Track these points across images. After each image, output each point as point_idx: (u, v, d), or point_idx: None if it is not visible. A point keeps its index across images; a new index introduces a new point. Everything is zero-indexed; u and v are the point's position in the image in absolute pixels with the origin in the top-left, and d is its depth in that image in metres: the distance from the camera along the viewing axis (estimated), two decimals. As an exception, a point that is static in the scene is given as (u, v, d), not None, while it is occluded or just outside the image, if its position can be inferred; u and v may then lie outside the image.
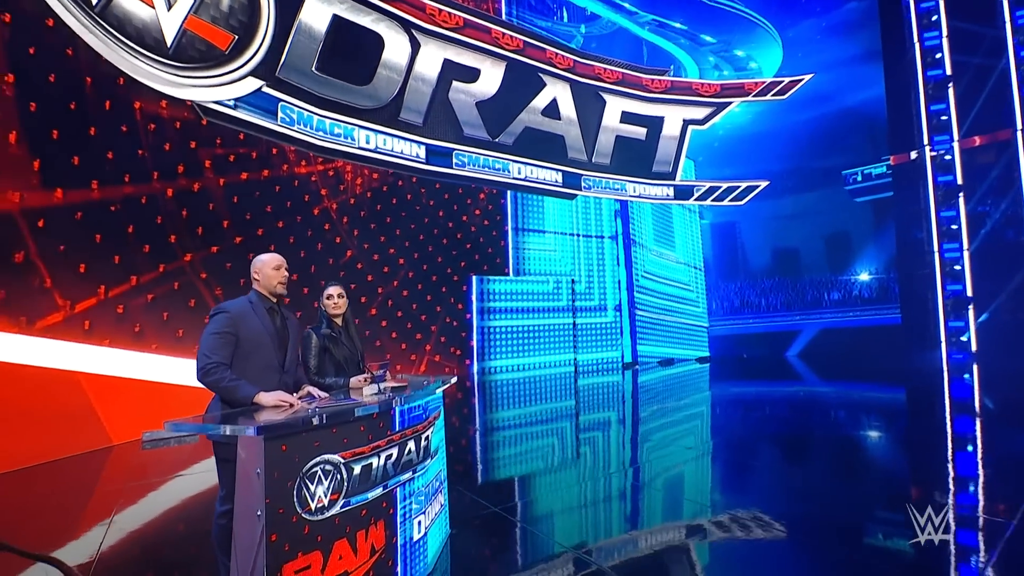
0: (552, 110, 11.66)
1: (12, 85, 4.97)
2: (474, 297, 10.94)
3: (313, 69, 8.15)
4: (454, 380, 3.31)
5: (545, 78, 11.54)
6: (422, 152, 9.71)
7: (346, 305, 3.15)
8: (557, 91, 11.76)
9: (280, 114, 7.53)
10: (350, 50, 8.65)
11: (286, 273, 2.67)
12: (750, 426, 6.35)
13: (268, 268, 2.63)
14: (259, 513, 1.84)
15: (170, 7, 6.37)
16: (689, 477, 4.38)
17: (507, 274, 11.49)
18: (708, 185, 13.63)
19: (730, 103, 12.98)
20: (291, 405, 2.29)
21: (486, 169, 10.68)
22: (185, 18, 6.51)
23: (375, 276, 9.39)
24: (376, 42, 9.12)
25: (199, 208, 6.74)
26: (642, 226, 13.78)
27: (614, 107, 12.59)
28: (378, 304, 9.39)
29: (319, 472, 2.02)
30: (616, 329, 13.02)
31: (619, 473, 4.51)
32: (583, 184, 12.21)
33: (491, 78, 10.77)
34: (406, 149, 9.47)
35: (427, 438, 2.75)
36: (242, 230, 7.30)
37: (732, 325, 15.10)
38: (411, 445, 2.56)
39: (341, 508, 2.09)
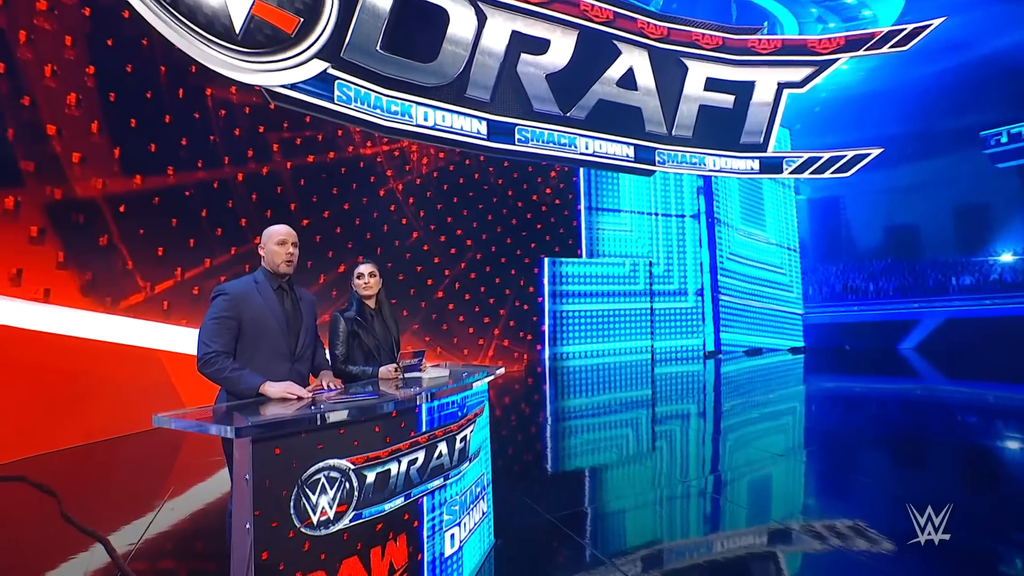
0: (628, 80, 10.85)
1: (93, 76, 5.19)
2: (545, 280, 10.54)
3: (377, 48, 8.02)
4: (501, 371, 2.94)
5: (620, 46, 10.74)
6: (483, 128, 9.37)
7: (379, 285, 2.87)
8: (634, 59, 10.92)
9: (336, 92, 7.46)
10: (415, 27, 8.44)
11: (292, 250, 2.37)
12: (853, 426, 5.48)
13: (271, 243, 2.35)
14: (247, 526, 1.58)
15: (238, -7, 6.44)
16: (778, 480, 3.75)
17: (580, 256, 10.96)
18: (806, 156, 12.17)
19: (836, 60, 11.41)
20: (300, 398, 2.03)
21: (551, 145, 10.16)
22: (253, 3, 6.55)
23: (442, 258, 9.25)
24: (441, 17, 8.83)
25: (268, 191, 6.87)
26: (728, 204, 12.62)
27: (697, 74, 11.51)
28: (445, 287, 9.26)
29: (322, 480, 1.73)
30: (697, 315, 12.09)
31: (698, 477, 3.96)
32: (657, 159, 11.33)
33: (562, 49, 10.16)
34: (466, 125, 9.16)
35: (464, 439, 2.41)
36: (308, 212, 7.38)
37: (833, 312, 13.50)
38: (442, 447, 2.23)
39: (351, 521, 1.80)
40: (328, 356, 2.69)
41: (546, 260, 10.54)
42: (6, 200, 4.50)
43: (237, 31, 6.42)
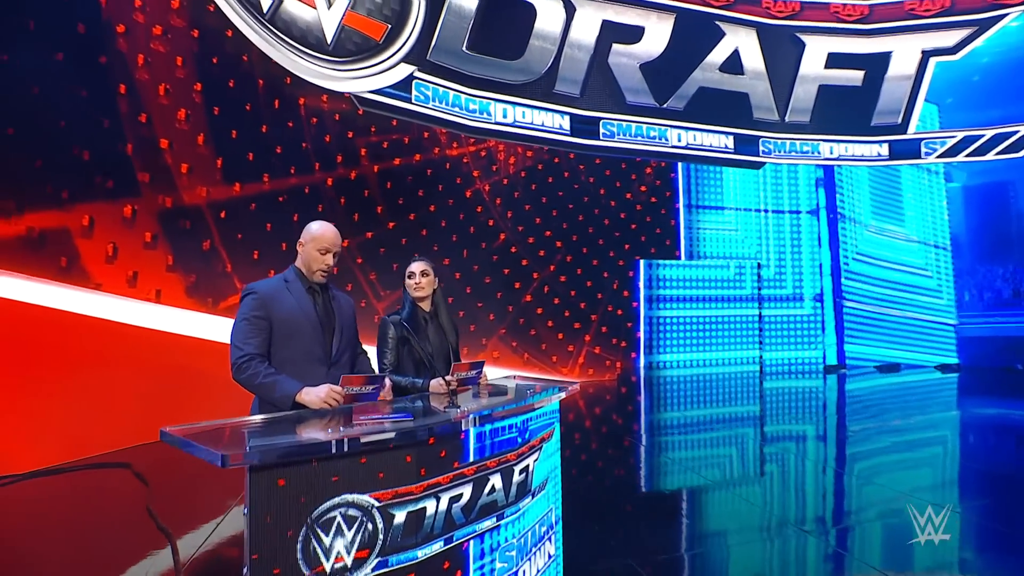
0: (733, 64, 9.86)
1: (200, 93, 5.56)
2: (641, 284, 9.85)
3: (464, 48, 7.94)
4: (575, 387, 2.51)
5: (724, 27, 9.78)
6: (566, 123, 8.93)
7: (433, 285, 2.58)
8: (740, 41, 9.90)
9: (414, 92, 7.44)
10: (501, 25, 8.25)
11: (332, 261, 2.14)
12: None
13: (313, 247, 2.13)
14: (244, 571, 1.32)
15: (330, 6, 6.64)
16: (925, 531, 2.93)
17: (678, 258, 10.12)
18: (961, 135, 10.28)
19: (1002, 16, 9.50)
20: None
21: (639, 139, 9.47)
22: (344, 14, 6.73)
23: (530, 260, 8.95)
24: (528, 13, 8.57)
25: (355, 195, 7.02)
26: (855, 196, 11.01)
27: (817, 50, 10.18)
28: (533, 291, 8.95)
29: (338, 519, 1.44)
30: (815, 323, 10.66)
31: (817, 519, 3.24)
32: (762, 148, 10.15)
33: (657, 35, 9.46)
34: (548, 121, 8.78)
35: (525, 470, 2.02)
36: (395, 215, 7.44)
37: (998, 323, 11.23)
38: (495, 481, 1.86)
39: (373, 570, 1.49)
40: (376, 366, 2.45)
41: (641, 262, 9.85)
42: (125, 209, 4.89)
43: (329, 41, 6.61)
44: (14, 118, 4.19)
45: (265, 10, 6.07)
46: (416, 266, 2.56)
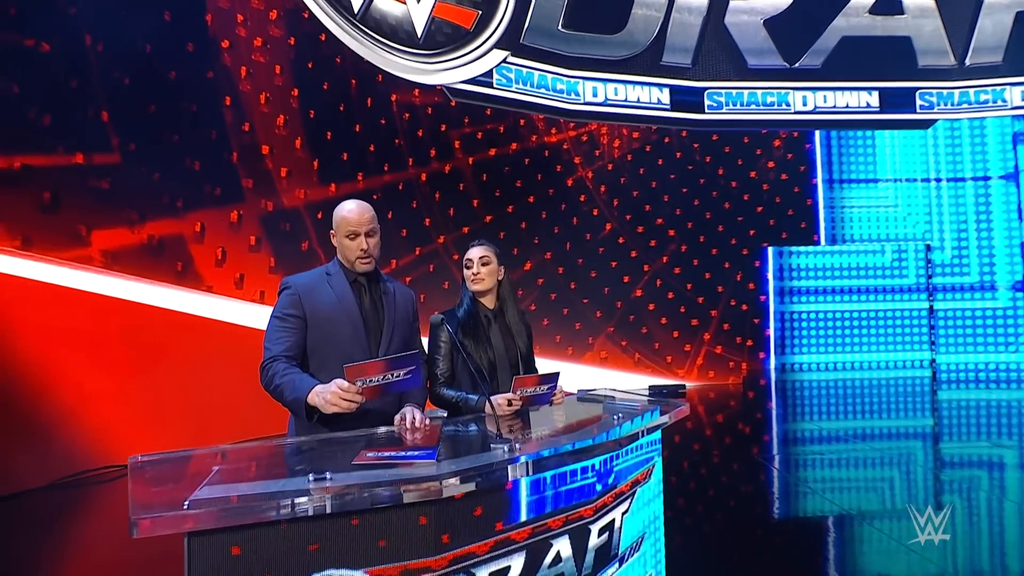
0: (889, 2, 8.14)
1: (296, 98, 5.71)
2: (770, 274, 8.56)
3: (559, 28, 7.41)
4: (682, 409, 1.88)
5: (874, -41, 8.12)
6: (666, 97, 7.94)
7: (497, 276, 2.10)
8: (897, -28, 8.15)
9: (495, 75, 7.03)
10: (599, -3, 7.60)
11: (367, 243, 1.78)
12: None
13: (341, 236, 1.81)
14: None
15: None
16: None
17: (817, 242, 8.63)
18: None
19: None
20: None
21: (752, 107, 8.17)
22: (433, 6, 6.57)
23: (640, 251, 8.17)
24: (630, -22, 7.79)
25: (450, 189, 6.84)
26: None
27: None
28: (644, 284, 8.16)
29: (319, 606, 1.02)
30: (1012, 319, 8.46)
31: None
32: (919, 102, 8.25)
33: (786, -18, 8.11)
34: (644, 96, 7.86)
35: (609, 527, 1.48)
36: (492, 208, 7.16)
37: None
38: (561, 547, 1.34)
39: None
40: (428, 375, 2.05)
41: (770, 250, 8.55)
42: (231, 214, 5.13)
43: (419, 35, 6.49)
44: (136, 135, 4.51)
45: (356, 10, 6.09)
46: (474, 252, 2.10)
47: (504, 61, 7.02)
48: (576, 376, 7.62)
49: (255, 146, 5.36)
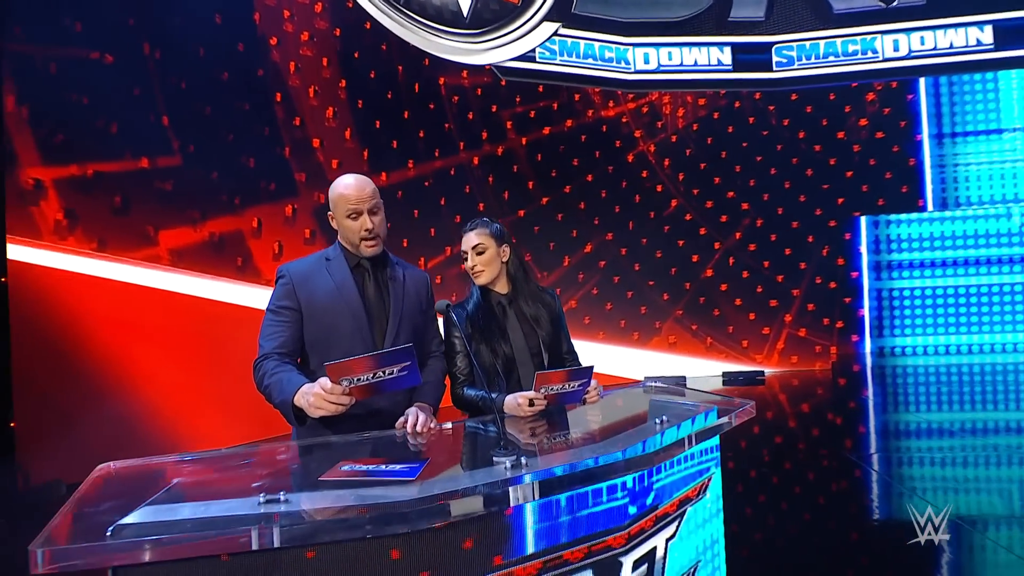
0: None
1: (344, 89, 5.73)
2: (863, 247, 7.64)
3: (614, -9, 6.92)
4: (745, 410, 1.53)
5: None
6: (727, 57, 7.17)
7: (500, 260, 1.86)
8: None
9: (537, 49, 6.66)
10: (659, -49, 7.00)
11: (371, 223, 1.59)
12: None
13: (340, 216, 1.62)
14: None
15: (465, -25, 6.30)
16: None
17: (922, 208, 7.57)
18: None
19: None
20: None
21: (830, 59, 7.19)
22: (479, -18, 6.34)
23: (710, 228, 7.56)
24: (692, -73, 7.12)
25: (504, 172, 6.65)
26: None
27: None
28: (715, 263, 7.56)
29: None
30: None
31: None
32: None
33: (880, -90, 7.07)
34: (701, 59, 7.14)
35: (649, 558, 1.24)
36: (548, 189, 6.88)
37: None
38: (568, 582, 1.12)
39: None
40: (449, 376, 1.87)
41: (863, 219, 7.61)
42: (286, 208, 5.25)
43: (465, 14, 6.31)
44: (194, 137, 4.69)
45: (400, -5, 6.00)
46: (467, 241, 1.86)
47: (555, 34, 6.67)
48: (643, 362, 7.25)
49: (306, 140, 5.44)
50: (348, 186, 1.61)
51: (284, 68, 5.38)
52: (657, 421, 1.32)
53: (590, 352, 6.98)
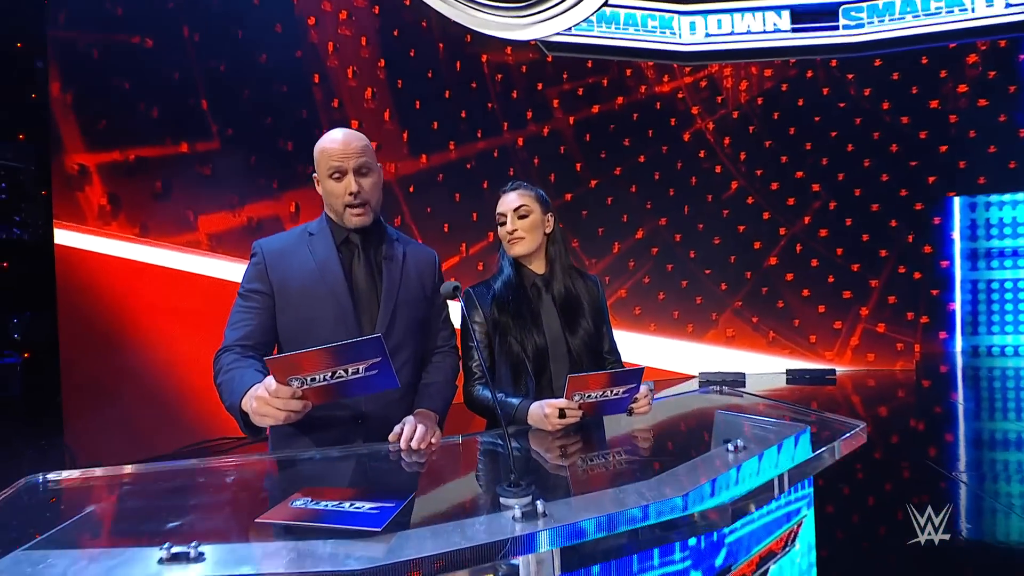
0: None
1: (383, 69, 5.54)
2: (956, 232, 6.77)
3: (672, -47, 6.37)
4: (855, 435, 1.12)
5: None
6: (784, 21, 6.42)
7: (543, 229, 1.57)
8: None
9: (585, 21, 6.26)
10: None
11: (356, 187, 1.33)
12: None
13: (323, 176, 1.38)
14: None
15: (510, -56, 5.95)
16: None
17: (1030, 187, 6.61)
18: None
19: None
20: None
21: (907, 17, 6.29)
22: (525, -50, 5.97)
23: (775, 212, 6.92)
24: None
25: (550, 153, 6.29)
26: None
27: None
28: (781, 251, 6.92)
29: None
30: None
31: None
32: None
33: None
34: (754, 24, 6.44)
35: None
36: (597, 171, 6.47)
37: None
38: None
39: None
40: (463, 370, 1.59)
41: (957, 201, 6.73)
42: (325, 193, 5.14)
43: (510, -15, 5.96)
44: (232, 121, 4.64)
45: (442, -32, 5.72)
46: (508, 200, 1.58)
47: (605, 4, 6.21)
48: (698, 357, 6.76)
49: (344, 121, 5.30)
50: (333, 140, 1.37)
51: (322, 48, 5.25)
52: (729, 447, 0.97)
53: (640, 344, 6.57)
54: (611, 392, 1.23)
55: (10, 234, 3.60)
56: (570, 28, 6.27)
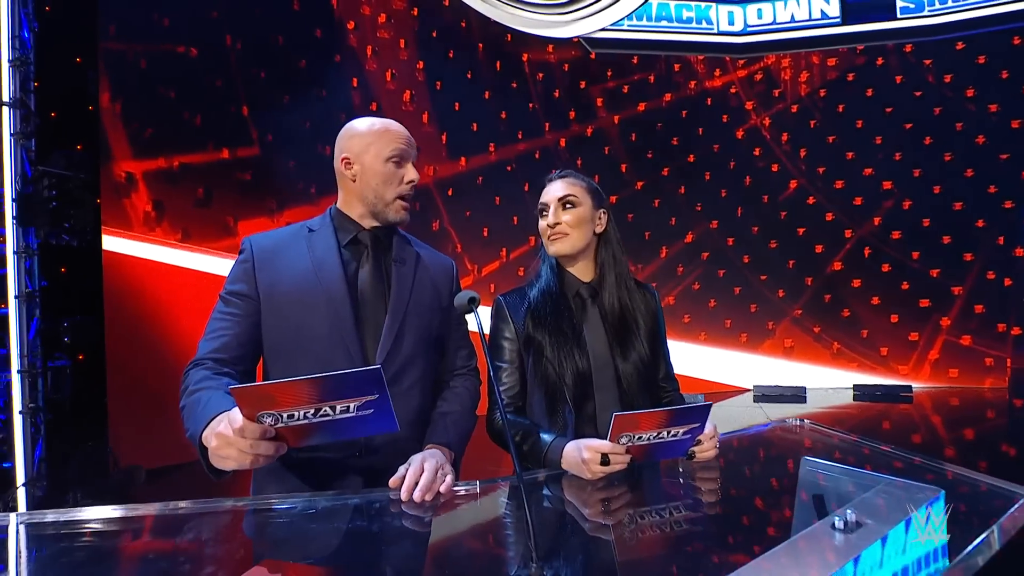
0: None
1: (422, 71, 5.47)
2: (1053, 234, 6.03)
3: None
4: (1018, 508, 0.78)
5: None
6: (833, 8, 5.89)
7: (595, 230, 1.34)
8: None
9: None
10: None
11: (415, 175, 1.20)
12: None
13: (374, 156, 1.18)
14: None
15: (551, -61, 5.77)
16: None
17: None
18: None
19: None
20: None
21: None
22: (568, -56, 5.78)
23: (839, 212, 6.38)
24: None
25: (594, 154, 6.05)
26: None
27: None
28: (846, 255, 6.37)
29: None
30: None
31: None
32: None
33: None
34: (798, 13, 5.97)
35: None
36: (643, 173, 6.17)
37: None
38: None
39: None
40: (493, 393, 1.36)
41: (1055, 198, 6.00)
42: (363, 198, 5.09)
43: (551, -19, 5.77)
44: (272, 127, 4.66)
45: (481, -33, 5.61)
46: (551, 190, 1.34)
47: (652, -5, 5.93)
48: (752, 369, 6.31)
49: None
50: (394, 124, 1.21)
51: (361, 52, 5.23)
52: (837, 522, 0.63)
53: (690, 355, 6.18)
54: (669, 433, 0.98)
55: (60, 240, 3.67)
56: (615, 23, 6.01)
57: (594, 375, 1.27)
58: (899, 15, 6.13)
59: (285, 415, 0.80)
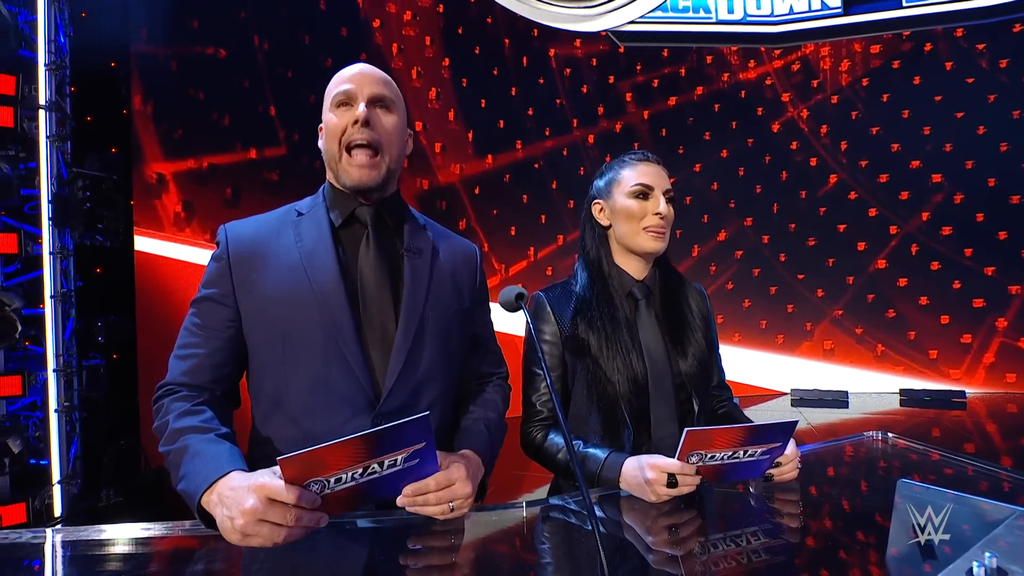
0: None
1: (448, 68, 5.40)
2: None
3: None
4: None
5: None
6: None
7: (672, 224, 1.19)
8: None
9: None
10: None
11: (367, 115, 0.95)
12: None
13: (327, 113, 1.00)
14: None
15: (578, -70, 5.64)
16: None
17: None
18: None
19: None
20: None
21: None
22: (595, -64, 5.64)
23: (883, 209, 6.08)
24: None
25: (623, 150, 5.64)
26: None
27: None
28: (891, 253, 6.06)
29: None
30: None
31: None
32: None
33: None
34: (797, 3, 5.67)
35: None
36: (675, 168, 5.82)
37: None
38: None
39: None
40: (522, 410, 1.24)
41: (1124, 188, 5.59)
42: (389, 197, 5.06)
43: (579, -26, 5.64)
44: (299, 126, 4.65)
45: (508, -38, 5.52)
46: (657, 176, 1.17)
47: (682, -16, 5.74)
48: (790, 371, 6.06)
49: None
50: (348, 67, 1.02)
51: (387, 50, 5.20)
52: (976, 570, 0.51)
53: (723, 357, 5.97)
54: (746, 452, 0.86)
55: (94, 241, 3.72)
56: (643, 16, 5.85)
57: (651, 384, 1.12)
58: (903, 5, 5.81)
59: (332, 479, 0.70)
